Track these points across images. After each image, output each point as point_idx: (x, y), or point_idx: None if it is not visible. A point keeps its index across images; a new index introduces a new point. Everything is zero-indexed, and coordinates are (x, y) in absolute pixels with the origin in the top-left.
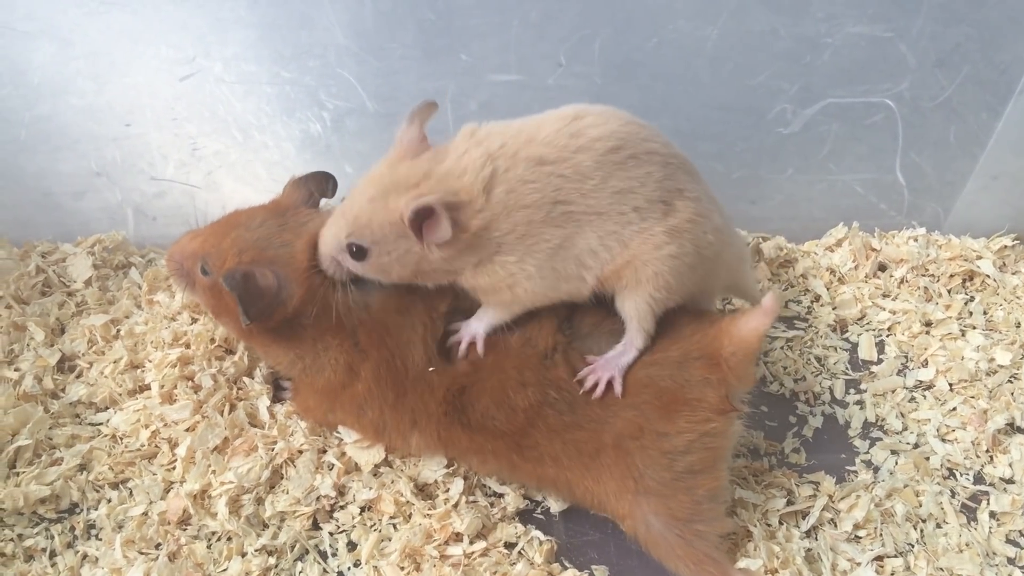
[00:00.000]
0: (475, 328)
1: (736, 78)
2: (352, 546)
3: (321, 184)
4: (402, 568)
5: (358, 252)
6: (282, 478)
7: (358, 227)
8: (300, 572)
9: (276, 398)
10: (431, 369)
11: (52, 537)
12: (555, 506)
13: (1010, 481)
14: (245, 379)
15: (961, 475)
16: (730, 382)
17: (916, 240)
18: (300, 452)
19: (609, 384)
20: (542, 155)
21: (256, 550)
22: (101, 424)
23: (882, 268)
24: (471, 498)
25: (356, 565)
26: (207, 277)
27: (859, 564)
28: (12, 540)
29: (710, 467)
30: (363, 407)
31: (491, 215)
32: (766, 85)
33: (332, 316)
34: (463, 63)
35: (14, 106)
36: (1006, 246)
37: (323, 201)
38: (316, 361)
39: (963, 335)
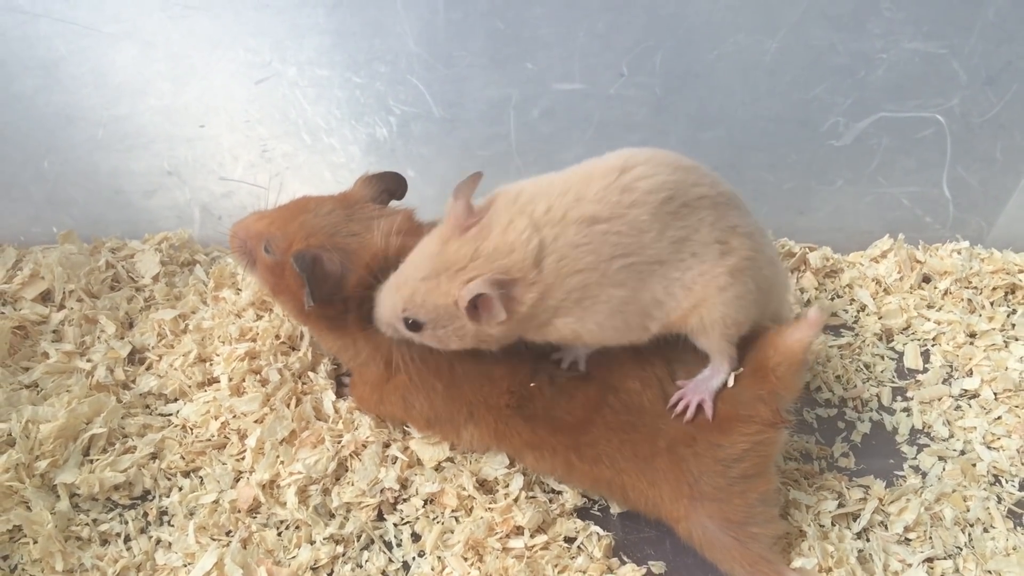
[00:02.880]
0: (578, 350)
1: (792, 91)
2: (416, 537)
3: (392, 184)
4: (466, 559)
5: (413, 325)
6: (347, 470)
7: (413, 305)
8: (366, 561)
9: (339, 393)
10: (532, 384)
11: (126, 522)
12: (614, 506)
13: None
14: (310, 374)
15: (1007, 482)
16: (779, 393)
17: (959, 253)
18: (365, 445)
19: (700, 407)
20: (594, 214)
21: (324, 539)
22: (171, 415)
23: (926, 280)
24: (530, 494)
25: (420, 555)
26: (270, 257)
27: (910, 565)
28: (88, 525)
29: (762, 472)
30: (408, 399)
31: (544, 286)
32: (820, 98)
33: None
34: (528, 72)
35: (93, 105)
36: None
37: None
38: (364, 351)
39: (1006, 346)
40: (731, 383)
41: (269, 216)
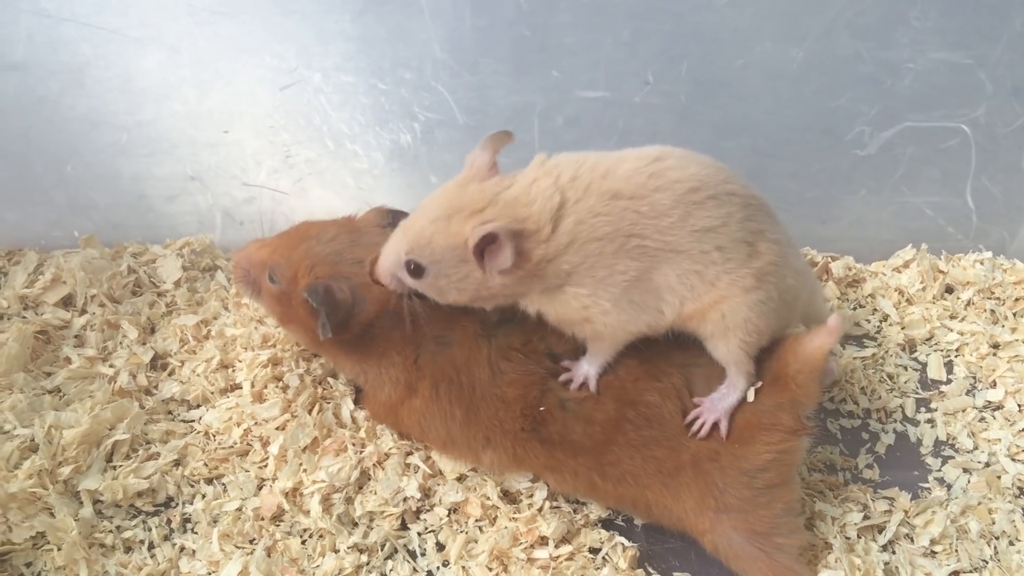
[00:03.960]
0: (587, 370)
1: (817, 100)
2: (440, 547)
3: (394, 215)
4: (490, 569)
5: (416, 270)
6: (370, 479)
7: (418, 246)
8: (391, 571)
9: (358, 401)
10: (542, 408)
11: (150, 529)
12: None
13: None
14: (330, 379)
15: None
16: (799, 401)
17: (982, 263)
18: (388, 455)
19: (716, 425)
20: (618, 189)
21: (348, 548)
22: (194, 421)
23: (949, 290)
24: (555, 504)
25: (445, 565)
26: (275, 286)
27: None
28: (111, 532)
29: (786, 481)
30: (424, 424)
31: (557, 246)
32: (846, 108)
33: (399, 333)
34: (553, 79)
35: (118, 110)
36: None
37: None
38: (379, 376)
39: None
40: (751, 398)
41: (271, 244)
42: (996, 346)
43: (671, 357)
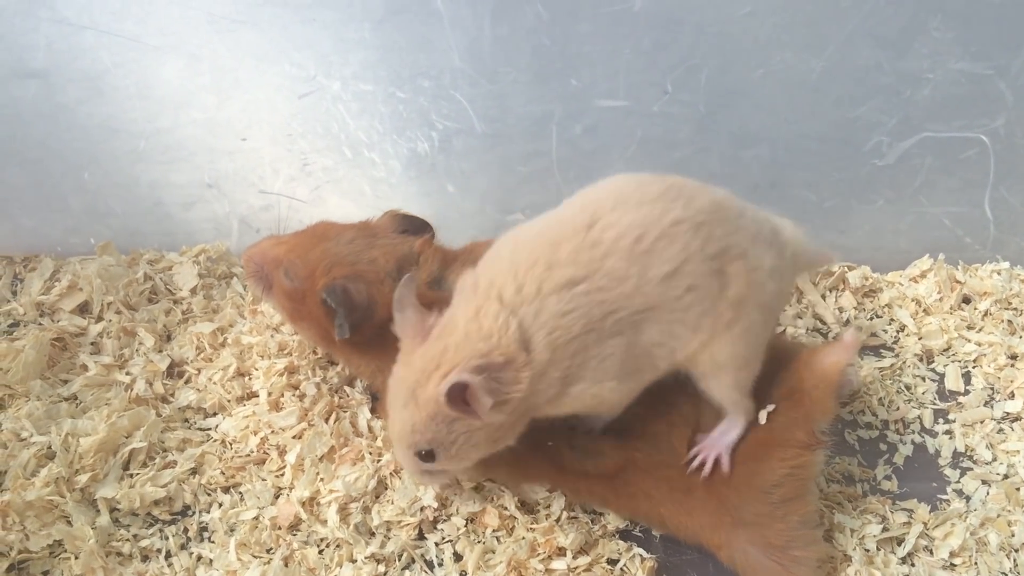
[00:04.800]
0: (593, 421)
1: (837, 110)
2: (458, 557)
3: (418, 228)
4: None
5: (427, 456)
6: (387, 488)
7: (410, 437)
8: None
9: (374, 410)
10: (550, 444)
11: (167, 538)
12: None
13: None
14: (346, 388)
15: None
16: (813, 416)
17: (1000, 274)
18: None
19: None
20: (571, 277)
21: (366, 558)
22: (211, 429)
23: (966, 300)
24: (572, 514)
25: (462, 575)
26: (290, 283)
27: None
28: (128, 540)
29: (802, 494)
30: None
31: (540, 364)
32: (865, 118)
33: None
34: (572, 88)
35: (137, 118)
36: None
37: None
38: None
39: None
40: (763, 420)
41: (288, 242)
42: (1014, 357)
43: (682, 385)
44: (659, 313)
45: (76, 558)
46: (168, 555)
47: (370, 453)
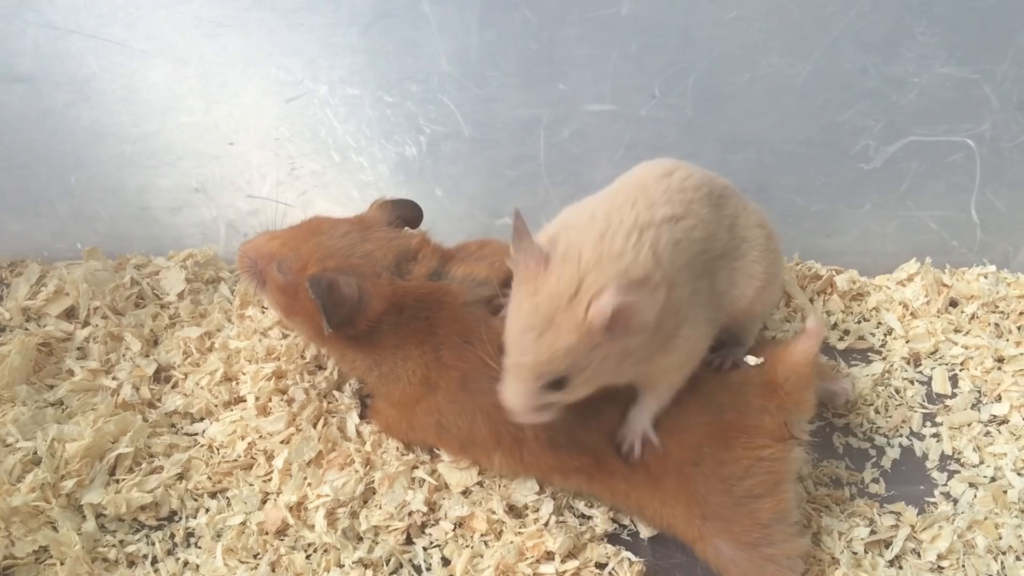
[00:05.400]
0: (641, 426)
1: (823, 114)
2: (446, 561)
3: (407, 212)
4: None
5: (558, 383)
6: (375, 493)
7: (545, 366)
8: None
9: (363, 415)
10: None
11: (153, 544)
12: (644, 530)
13: None
14: (335, 393)
15: None
16: (788, 409)
17: (986, 277)
18: (397, 476)
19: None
20: (674, 213)
21: (353, 562)
22: (197, 434)
23: (953, 304)
24: (560, 518)
25: None
26: (283, 277)
27: None
28: (115, 546)
29: (771, 490)
30: (443, 422)
31: (669, 283)
32: (852, 122)
33: (414, 327)
34: (560, 92)
35: (124, 122)
36: None
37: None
38: (393, 370)
39: None
40: (752, 362)
41: (281, 236)
42: (1001, 360)
43: None
44: (727, 261)
45: (62, 564)
46: (155, 561)
47: (359, 457)
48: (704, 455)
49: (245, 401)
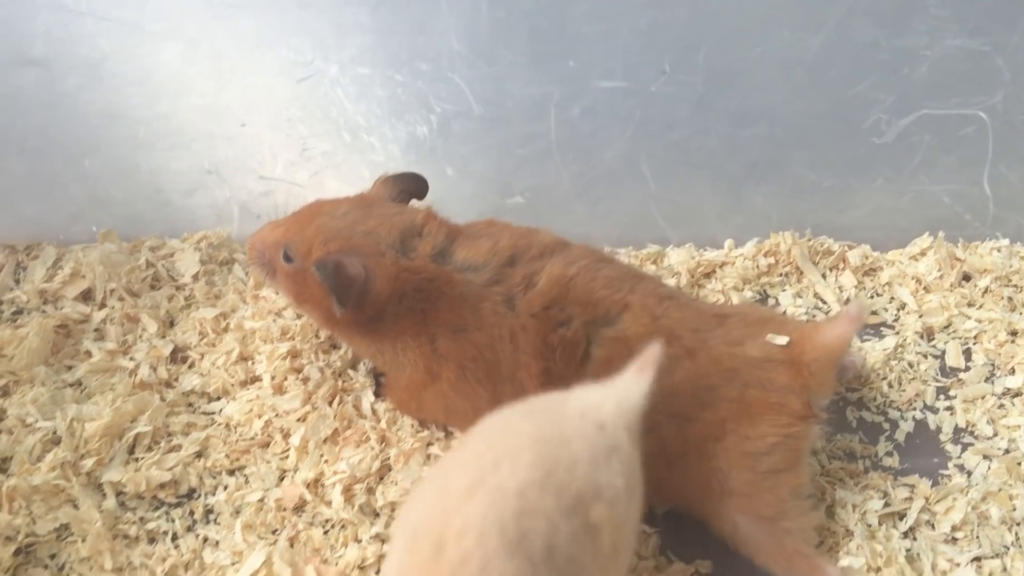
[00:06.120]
0: None
1: (835, 88)
2: None
3: (411, 185)
4: None
5: None
6: (390, 469)
7: None
8: None
9: (378, 393)
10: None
11: (173, 520)
12: (658, 505)
13: None
14: (350, 371)
15: None
16: (811, 388)
17: (999, 251)
18: (411, 454)
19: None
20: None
21: (370, 537)
22: (215, 413)
23: (966, 278)
24: None
25: None
26: (290, 265)
27: (959, 564)
28: (135, 523)
29: (792, 466)
30: (449, 406)
31: None
32: (863, 95)
33: (411, 319)
34: (570, 69)
35: (136, 104)
36: None
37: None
38: (396, 358)
39: None
40: (778, 341)
41: (285, 223)
42: (1014, 333)
43: (685, 322)
44: None
45: (83, 541)
46: (175, 537)
47: (375, 434)
48: (728, 431)
49: (261, 380)
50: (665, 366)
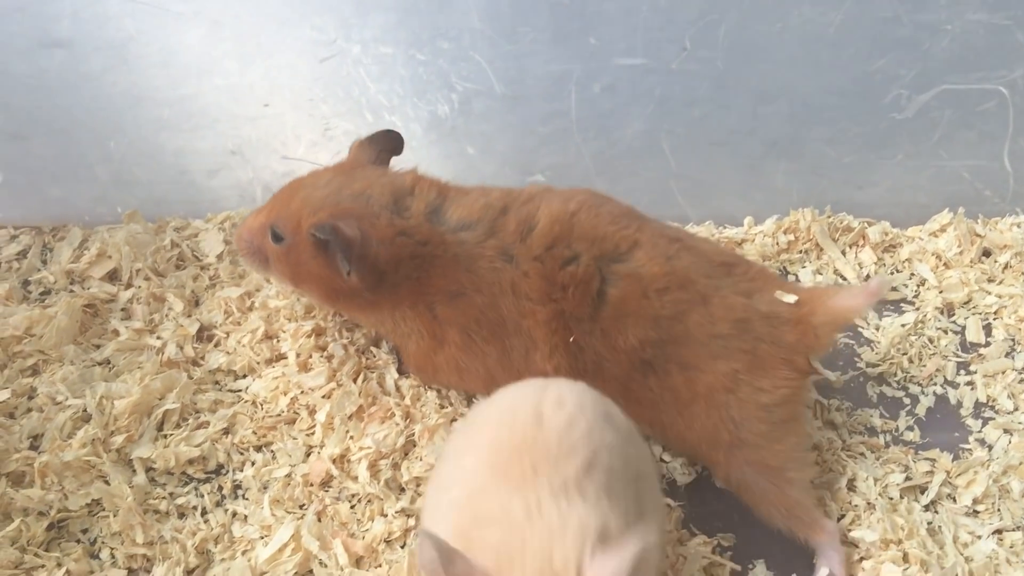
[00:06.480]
0: None
1: (855, 63)
2: None
3: (387, 143)
4: None
5: None
6: (415, 445)
7: None
8: None
9: (401, 369)
10: (572, 339)
11: (202, 496)
12: (680, 478)
13: None
14: (373, 348)
15: None
16: (814, 349)
17: (1019, 227)
18: (437, 428)
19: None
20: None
21: (396, 512)
22: (241, 390)
23: (986, 254)
24: None
25: None
26: (281, 244)
27: (980, 537)
28: (165, 498)
29: (797, 416)
30: (461, 367)
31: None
32: (883, 71)
33: (407, 287)
34: (591, 47)
35: (160, 85)
36: None
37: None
38: (399, 328)
39: None
40: (786, 299)
41: (267, 206)
42: None
43: (698, 267)
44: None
45: (115, 516)
46: (204, 512)
47: (399, 410)
48: (741, 382)
49: (286, 358)
50: (679, 311)
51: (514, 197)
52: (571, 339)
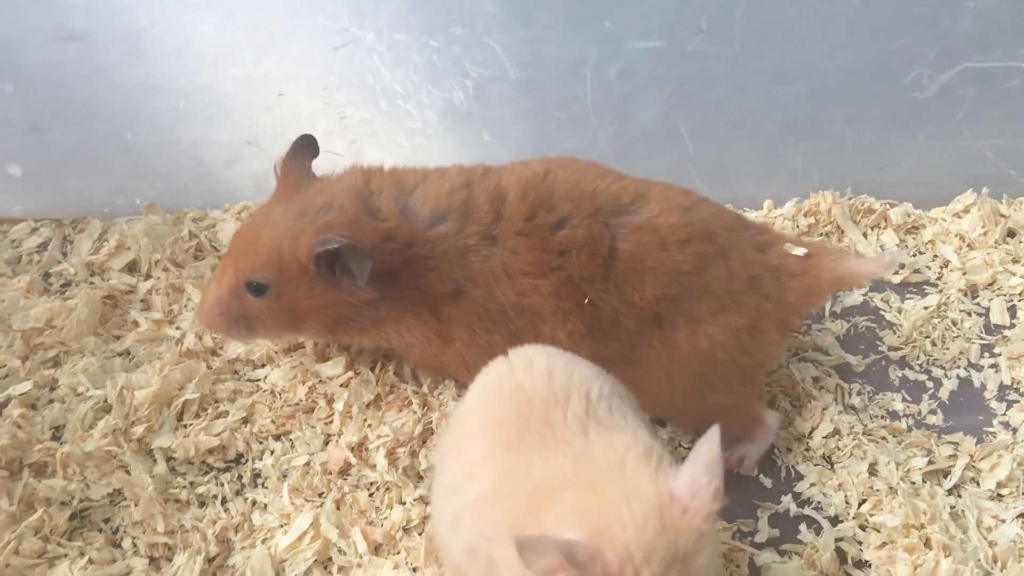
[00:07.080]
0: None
1: (875, 43)
2: None
3: (304, 148)
4: None
5: None
6: (432, 433)
7: None
8: None
9: None
10: (586, 300)
11: (222, 485)
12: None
13: None
14: None
15: None
16: (810, 305)
17: None
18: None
19: None
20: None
21: (414, 500)
22: (260, 380)
23: (1011, 234)
24: None
25: None
26: (265, 294)
27: (1004, 520)
28: (186, 487)
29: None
30: (469, 362)
31: None
32: (904, 50)
33: (410, 297)
34: (606, 30)
35: (176, 76)
36: None
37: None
38: (403, 340)
39: None
40: (795, 252)
41: (223, 270)
42: None
43: (719, 219)
44: None
45: (136, 505)
46: (224, 501)
47: (417, 399)
48: (740, 340)
49: (304, 347)
50: (700, 265)
51: (470, 172)
52: (585, 300)
